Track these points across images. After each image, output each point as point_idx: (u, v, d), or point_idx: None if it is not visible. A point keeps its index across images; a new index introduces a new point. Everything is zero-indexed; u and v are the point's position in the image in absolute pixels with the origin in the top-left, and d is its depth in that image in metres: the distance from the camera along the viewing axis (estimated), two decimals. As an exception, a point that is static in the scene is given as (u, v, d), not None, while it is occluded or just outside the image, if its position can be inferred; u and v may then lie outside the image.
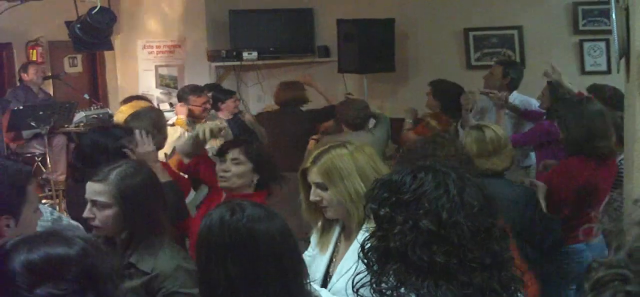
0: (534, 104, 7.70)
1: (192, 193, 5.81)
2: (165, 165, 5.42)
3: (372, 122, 8.00)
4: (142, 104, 7.66)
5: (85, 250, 2.12)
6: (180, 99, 8.41)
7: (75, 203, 4.71)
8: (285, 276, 2.99)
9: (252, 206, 3.15)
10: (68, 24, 9.12)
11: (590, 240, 5.59)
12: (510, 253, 2.50)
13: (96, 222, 3.78)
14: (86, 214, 3.80)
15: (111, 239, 3.81)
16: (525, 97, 7.92)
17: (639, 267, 1.44)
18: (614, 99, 6.54)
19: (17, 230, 3.01)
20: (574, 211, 5.56)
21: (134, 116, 6.51)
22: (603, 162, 5.60)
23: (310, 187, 3.71)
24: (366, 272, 2.53)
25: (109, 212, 3.76)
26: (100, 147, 4.99)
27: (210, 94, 8.50)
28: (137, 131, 5.19)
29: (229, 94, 9.74)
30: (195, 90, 8.53)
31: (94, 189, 3.80)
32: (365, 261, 2.52)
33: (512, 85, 7.94)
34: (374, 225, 2.54)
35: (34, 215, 3.28)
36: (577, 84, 6.94)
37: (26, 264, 2.05)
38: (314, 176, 3.68)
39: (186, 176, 5.59)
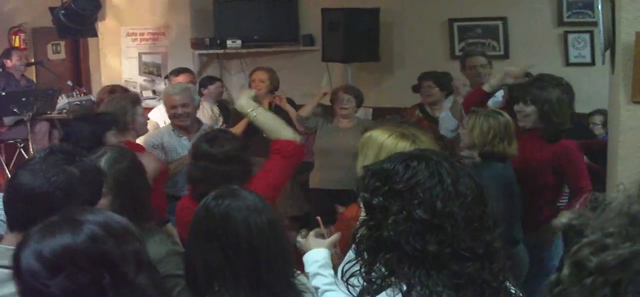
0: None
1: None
2: (141, 149, 5.44)
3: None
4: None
5: (93, 235, 2.09)
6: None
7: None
8: (259, 266, 3.02)
9: (244, 195, 3.18)
10: (52, 10, 9.12)
11: None
12: (501, 243, 2.51)
13: None
14: None
15: None
16: None
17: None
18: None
19: None
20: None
21: (106, 103, 6.56)
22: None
23: None
24: (356, 261, 2.53)
25: (103, 201, 3.69)
26: (73, 135, 4.98)
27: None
28: None
29: (213, 80, 9.81)
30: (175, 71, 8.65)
31: None
32: (356, 249, 2.52)
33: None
34: (365, 214, 2.53)
35: None
36: (561, 75, 6.92)
37: (37, 257, 2.04)
38: None
39: None
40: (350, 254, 2.64)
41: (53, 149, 3.08)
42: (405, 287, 2.32)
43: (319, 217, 3.85)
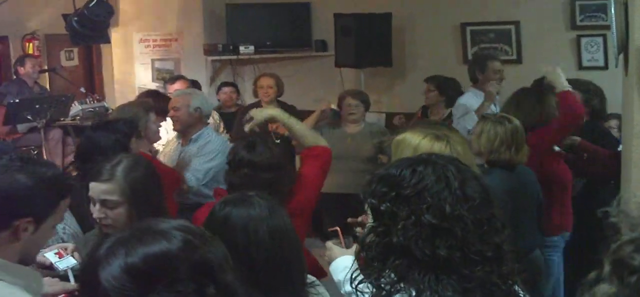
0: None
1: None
2: (152, 158, 5.43)
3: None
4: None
5: (188, 242, 1.90)
6: None
7: (76, 201, 4.70)
8: (257, 275, 3.00)
9: (256, 203, 3.18)
10: (65, 16, 9.12)
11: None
12: (510, 245, 2.49)
13: (108, 222, 3.74)
14: (97, 214, 3.76)
15: None
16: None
17: None
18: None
19: (33, 237, 2.98)
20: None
21: (117, 110, 6.57)
22: None
23: None
24: (365, 267, 2.52)
25: (121, 210, 3.73)
26: (96, 144, 4.98)
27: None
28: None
29: (226, 85, 9.85)
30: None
31: (101, 189, 3.76)
32: (365, 256, 2.51)
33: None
34: (373, 220, 2.52)
35: (52, 230, 3.23)
36: (574, 79, 6.89)
37: (127, 269, 1.83)
38: None
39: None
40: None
41: (12, 157, 3.07)
42: (414, 293, 2.31)
43: (338, 228, 3.82)
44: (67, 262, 3.57)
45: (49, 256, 3.58)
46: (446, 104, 8.47)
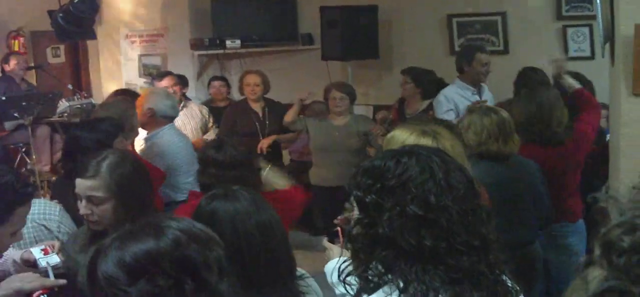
0: (488, 95, 7.76)
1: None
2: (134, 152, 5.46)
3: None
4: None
5: (177, 240, 2.04)
6: None
7: (61, 198, 4.70)
8: (245, 269, 3.01)
9: (242, 197, 3.19)
10: (50, 13, 9.11)
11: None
12: (496, 235, 2.50)
13: (94, 218, 3.74)
14: (83, 211, 3.76)
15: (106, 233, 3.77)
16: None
17: None
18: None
19: None
20: None
21: (103, 106, 6.55)
22: (553, 147, 5.62)
23: None
24: (352, 260, 2.53)
25: (107, 206, 3.72)
26: (80, 142, 4.97)
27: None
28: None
29: (215, 79, 9.87)
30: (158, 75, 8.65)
31: (86, 185, 3.75)
32: (351, 248, 2.52)
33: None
34: (359, 212, 2.52)
35: (9, 238, 3.19)
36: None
37: (118, 263, 1.99)
38: None
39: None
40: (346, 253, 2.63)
41: None
42: (402, 284, 2.31)
43: (340, 228, 3.82)
44: (50, 259, 3.56)
45: (35, 251, 3.56)
46: (422, 96, 8.41)
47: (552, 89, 6.01)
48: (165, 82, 8.61)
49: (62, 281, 3.33)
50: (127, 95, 7.38)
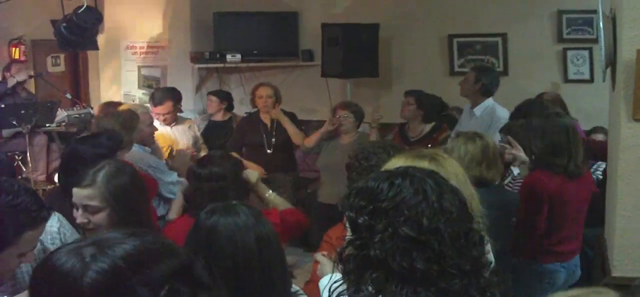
0: (500, 115, 7.60)
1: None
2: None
3: None
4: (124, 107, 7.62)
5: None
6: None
7: (57, 207, 4.69)
8: (242, 285, 3.01)
9: (242, 213, 3.19)
10: (53, 22, 9.10)
11: (566, 260, 5.63)
12: (487, 259, 2.50)
13: (90, 226, 3.77)
14: (79, 220, 3.80)
15: None
16: (492, 105, 7.84)
17: None
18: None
19: None
20: (546, 227, 5.52)
21: (105, 117, 6.57)
22: (570, 177, 5.56)
23: None
24: (343, 281, 2.52)
25: (102, 215, 3.77)
26: (80, 156, 4.97)
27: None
28: None
29: (213, 93, 9.87)
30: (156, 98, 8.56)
31: (82, 194, 3.80)
32: (343, 269, 2.51)
33: (485, 92, 7.86)
34: (351, 233, 2.52)
35: (14, 259, 3.14)
36: (560, 92, 6.92)
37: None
38: None
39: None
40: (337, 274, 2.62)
41: None
42: None
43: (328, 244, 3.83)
44: None
45: None
46: (423, 119, 8.29)
47: (568, 118, 5.97)
48: (164, 108, 8.45)
49: None
50: (113, 107, 7.43)
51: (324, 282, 3.46)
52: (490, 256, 3.08)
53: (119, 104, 8.32)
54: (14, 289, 3.45)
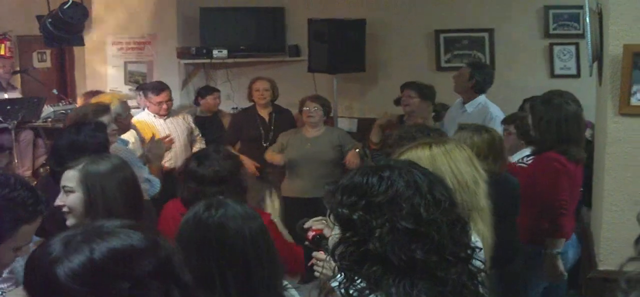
0: (494, 113, 7.61)
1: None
2: None
3: None
4: (106, 97, 7.61)
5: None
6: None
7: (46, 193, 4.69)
8: (250, 278, 3.01)
9: (232, 205, 3.18)
10: (39, 18, 9.05)
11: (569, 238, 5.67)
12: (474, 244, 2.52)
13: (65, 209, 3.82)
14: (57, 202, 3.84)
15: None
16: (484, 102, 7.86)
17: None
18: None
19: None
20: (549, 209, 5.54)
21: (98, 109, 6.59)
22: (577, 162, 5.59)
23: None
24: (336, 277, 2.52)
25: (73, 197, 3.82)
26: (78, 145, 4.97)
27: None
28: None
29: (211, 90, 9.87)
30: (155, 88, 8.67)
31: (65, 176, 3.88)
32: (339, 266, 2.50)
33: (478, 89, 7.84)
34: (342, 230, 2.51)
35: (10, 253, 3.13)
36: (547, 87, 6.90)
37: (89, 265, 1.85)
38: None
39: None
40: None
41: None
42: None
43: (310, 236, 3.82)
44: None
45: None
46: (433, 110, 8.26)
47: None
48: (162, 97, 8.62)
49: None
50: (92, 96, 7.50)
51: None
52: (479, 243, 3.08)
53: (101, 92, 8.37)
54: (13, 283, 3.47)
